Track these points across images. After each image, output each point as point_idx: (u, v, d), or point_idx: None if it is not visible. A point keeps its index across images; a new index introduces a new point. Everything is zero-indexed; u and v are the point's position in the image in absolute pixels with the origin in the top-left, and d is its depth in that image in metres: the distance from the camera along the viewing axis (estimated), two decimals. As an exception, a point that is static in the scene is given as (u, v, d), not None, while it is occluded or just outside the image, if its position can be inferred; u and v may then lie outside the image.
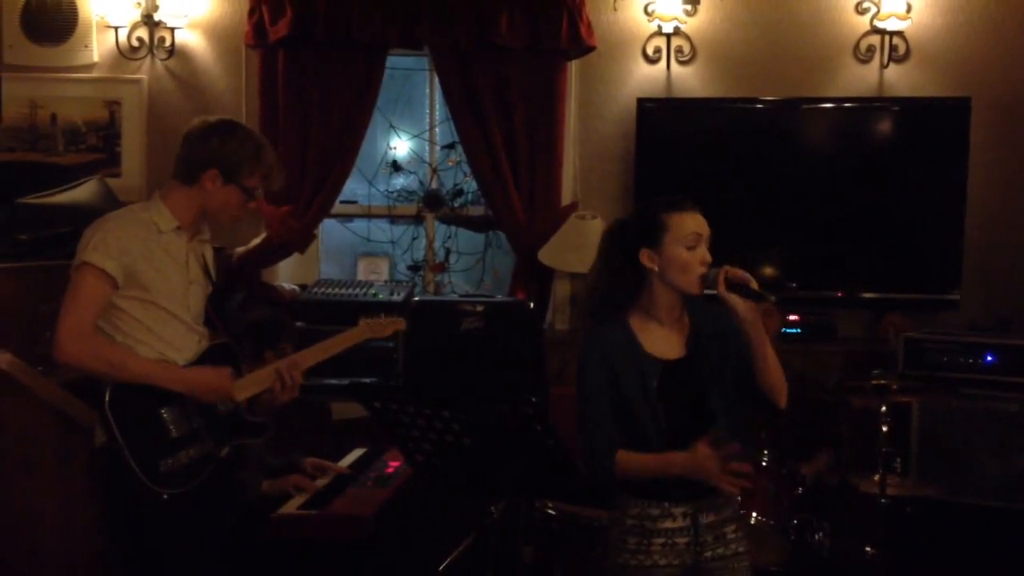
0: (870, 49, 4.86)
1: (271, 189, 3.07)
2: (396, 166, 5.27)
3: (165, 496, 2.75)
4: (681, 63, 4.94)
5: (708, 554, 2.57)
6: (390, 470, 3.62)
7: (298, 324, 4.25)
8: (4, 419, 3.20)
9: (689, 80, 4.96)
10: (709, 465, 2.42)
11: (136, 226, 2.84)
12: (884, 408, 3.71)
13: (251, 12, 4.88)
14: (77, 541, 3.21)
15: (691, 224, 2.54)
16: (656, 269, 2.54)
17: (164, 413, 2.80)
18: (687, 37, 4.92)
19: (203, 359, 2.92)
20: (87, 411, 3.11)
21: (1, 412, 3.20)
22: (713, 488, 2.54)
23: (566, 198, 4.95)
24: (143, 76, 5.09)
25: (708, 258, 2.54)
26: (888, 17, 4.75)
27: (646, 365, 2.55)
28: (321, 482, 3.57)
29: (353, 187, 5.23)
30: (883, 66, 4.86)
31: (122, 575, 3.04)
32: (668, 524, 2.55)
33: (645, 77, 4.97)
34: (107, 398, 2.74)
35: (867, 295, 4.82)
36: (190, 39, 5.09)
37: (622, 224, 2.66)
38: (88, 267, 2.74)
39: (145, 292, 2.81)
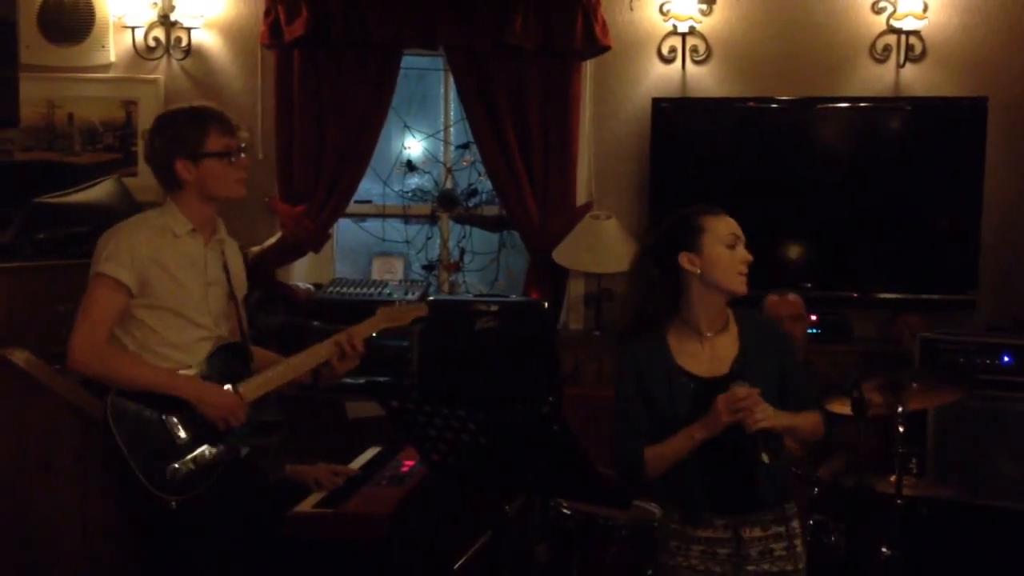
0: (886, 49, 4.84)
1: (242, 137, 3.00)
2: (411, 166, 5.28)
3: (173, 504, 2.72)
4: (696, 63, 4.93)
5: (751, 568, 2.54)
6: (405, 469, 3.61)
7: (314, 323, 4.27)
8: (22, 417, 3.23)
9: (704, 80, 4.95)
10: (720, 408, 2.39)
11: (150, 232, 2.84)
12: (900, 409, 3.69)
13: (267, 12, 4.90)
14: (94, 537, 3.23)
15: (727, 225, 2.53)
16: (698, 271, 2.50)
17: (169, 419, 2.77)
18: (702, 37, 4.91)
19: (213, 357, 2.91)
20: (103, 409, 3.13)
21: (19, 410, 3.23)
22: (760, 503, 2.53)
23: (580, 198, 4.95)
24: (159, 76, 5.12)
25: (749, 257, 2.52)
26: (905, 16, 4.73)
27: (678, 382, 2.52)
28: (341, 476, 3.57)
29: (368, 187, 5.24)
30: (899, 66, 4.84)
31: (139, 571, 3.05)
32: (708, 533, 2.54)
33: (660, 77, 4.96)
34: (108, 407, 2.72)
35: (883, 295, 4.80)
36: (206, 39, 5.11)
37: (653, 237, 2.63)
38: (102, 278, 2.75)
39: (159, 299, 2.81)
